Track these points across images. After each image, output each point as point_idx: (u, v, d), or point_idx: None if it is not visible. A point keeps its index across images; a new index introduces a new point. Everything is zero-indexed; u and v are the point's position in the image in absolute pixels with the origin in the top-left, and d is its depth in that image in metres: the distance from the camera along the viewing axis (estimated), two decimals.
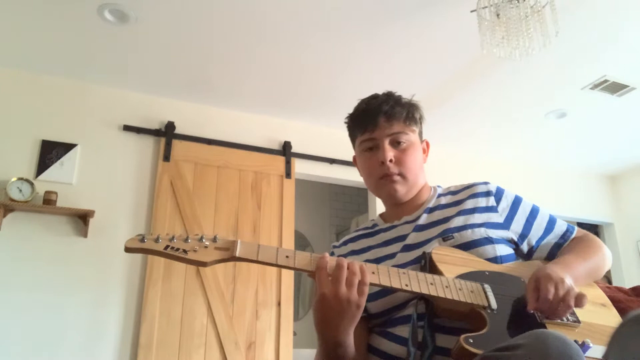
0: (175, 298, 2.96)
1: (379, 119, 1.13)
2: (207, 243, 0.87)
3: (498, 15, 2.16)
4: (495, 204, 1.13)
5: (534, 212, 1.15)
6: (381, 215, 1.25)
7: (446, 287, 0.94)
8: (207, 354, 2.92)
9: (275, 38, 2.74)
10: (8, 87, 3.00)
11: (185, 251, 0.85)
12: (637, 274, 4.42)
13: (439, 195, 1.20)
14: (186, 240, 0.86)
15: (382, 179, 1.13)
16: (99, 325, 2.81)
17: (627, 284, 4.19)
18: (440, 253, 1.01)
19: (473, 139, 4.05)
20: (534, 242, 1.13)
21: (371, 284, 0.93)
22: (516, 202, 1.15)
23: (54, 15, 2.53)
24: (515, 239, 1.12)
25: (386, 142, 1.13)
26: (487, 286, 0.97)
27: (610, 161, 4.52)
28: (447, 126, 3.80)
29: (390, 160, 1.11)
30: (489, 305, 0.94)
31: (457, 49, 2.84)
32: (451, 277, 0.97)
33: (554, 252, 1.13)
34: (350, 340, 0.91)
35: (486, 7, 2.20)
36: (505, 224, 1.12)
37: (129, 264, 2.96)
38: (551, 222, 1.16)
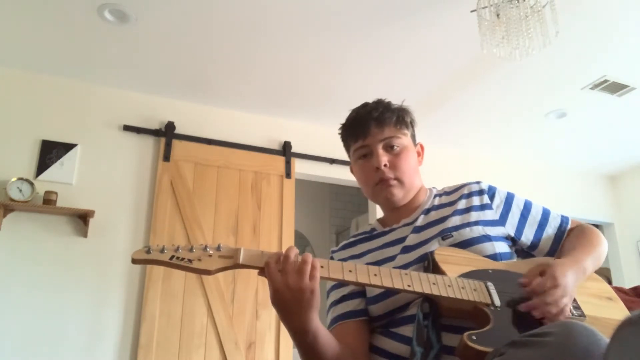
0: (175, 298, 2.96)
1: (370, 126, 1.15)
2: (211, 252, 0.89)
3: (498, 15, 2.16)
4: (489, 202, 1.16)
5: (527, 206, 1.18)
6: (379, 220, 1.26)
7: (449, 286, 0.94)
8: (207, 354, 2.92)
9: (275, 38, 2.73)
10: (8, 87, 2.99)
11: (190, 260, 0.87)
12: (637, 274, 4.42)
13: (435, 197, 1.21)
14: (191, 250, 0.88)
15: (378, 184, 1.15)
16: (99, 325, 2.81)
17: (627, 284, 4.19)
18: (443, 253, 1.02)
19: (473, 139, 4.05)
20: (532, 237, 1.15)
21: (374, 286, 0.93)
22: (509, 198, 1.18)
23: (54, 15, 2.53)
24: (513, 235, 1.14)
25: (379, 148, 1.14)
26: (490, 284, 0.97)
27: (610, 161, 4.52)
28: (447, 126, 3.80)
29: (385, 165, 1.13)
30: (492, 302, 0.94)
31: (457, 49, 2.84)
32: (454, 276, 0.97)
33: (555, 246, 1.15)
34: (315, 326, 0.92)
35: (486, 7, 2.20)
36: (501, 220, 1.14)
37: (129, 264, 2.96)
38: (545, 215, 1.18)
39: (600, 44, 2.80)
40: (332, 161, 3.65)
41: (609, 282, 1.12)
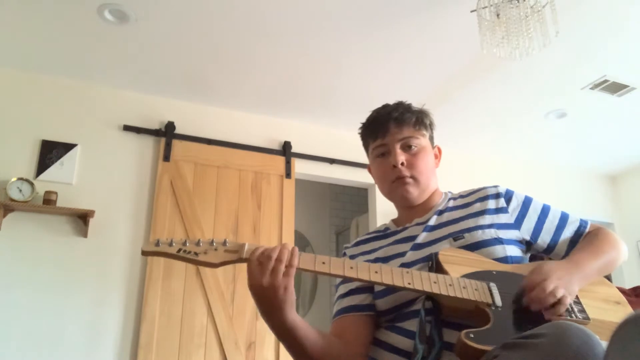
0: (175, 298, 2.96)
1: (389, 125, 1.17)
2: (216, 246, 0.92)
3: (498, 15, 2.16)
4: (505, 205, 1.16)
5: (545, 211, 1.17)
6: (393, 220, 1.27)
7: (450, 285, 0.95)
8: (207, 354, 2.92)
9: (275, 38, 2.73)
10: (8, 87, 2.99)
11: (196, 254, 0.91)
12: (637, 274, 4.42)
13: (450, 199, 1.23)
14: (198, 243, 0.92)
15: (394, 182, 1.17)
16: (99, 325, 2.81)
17: (627, 284, 4.19)
18: (447, 254, 1.03)
19: (473, 139, 4.05)
20: (548, 240, 1.14)
21: (374, 283, 0.95)
22: (527, 202, 1.17)
23: (54, 15, 2.53)
24: (528, 238, 1.14)
25: (397, 147, 1.16)
26: (492, 285, 0.98)
27: (610, 161, 4.52)
28: (447, 126, 3.80)
29: (402, 164, 1.15)
30: (494, 302, 0.94)
31: (457, 49, 2.84)
32: (456, 276, 0.98)
33: (570, 250, 1.14)
34: (290, 321, 0.93)
35: (486, 7, 2.20)
36: (516, 224, 1.14)
37: (129, 264, 2.96)
38: (563, 219, 1.17)
39: (600, 44, 2.80)
40: (332, 161, 3.65)
41: (609, 281, 1.11)
